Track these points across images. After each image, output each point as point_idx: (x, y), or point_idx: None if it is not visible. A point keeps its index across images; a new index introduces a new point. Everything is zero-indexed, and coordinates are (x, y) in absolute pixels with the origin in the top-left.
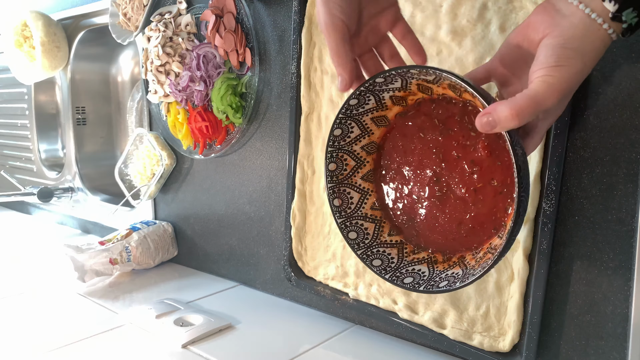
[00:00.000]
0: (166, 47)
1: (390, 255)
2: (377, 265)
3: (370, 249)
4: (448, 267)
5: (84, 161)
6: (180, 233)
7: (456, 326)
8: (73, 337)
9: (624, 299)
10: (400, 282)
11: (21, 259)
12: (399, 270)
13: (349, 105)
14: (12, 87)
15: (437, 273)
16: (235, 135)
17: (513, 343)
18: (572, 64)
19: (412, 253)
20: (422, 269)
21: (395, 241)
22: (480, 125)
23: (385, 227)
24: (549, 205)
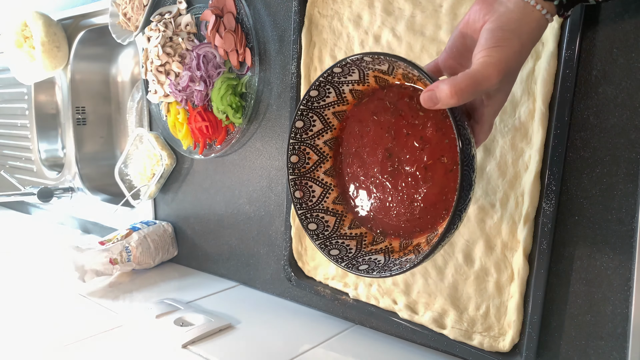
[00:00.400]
0: (166, 47)
1: (349, 247)
2: (334, 254)
3: (329, 239)
4: (403, 254)
5: (84, 161)
6: (180, 233)
7: (456, 326)
8: (73, 337)
9: (624, 299)
10: (355, 269)
11: (21, 259)
12: (356, 259)
13: (309, 97)
14: (12, 87)
15: (392, 260)
16: (235, 135)
17: (513, 343)
18: (510, 44)
19: (370, 244)
20: (378, 258)
21: (356, 234)
22: (423, 100)
23: (346, 220)
24: (549, 205)
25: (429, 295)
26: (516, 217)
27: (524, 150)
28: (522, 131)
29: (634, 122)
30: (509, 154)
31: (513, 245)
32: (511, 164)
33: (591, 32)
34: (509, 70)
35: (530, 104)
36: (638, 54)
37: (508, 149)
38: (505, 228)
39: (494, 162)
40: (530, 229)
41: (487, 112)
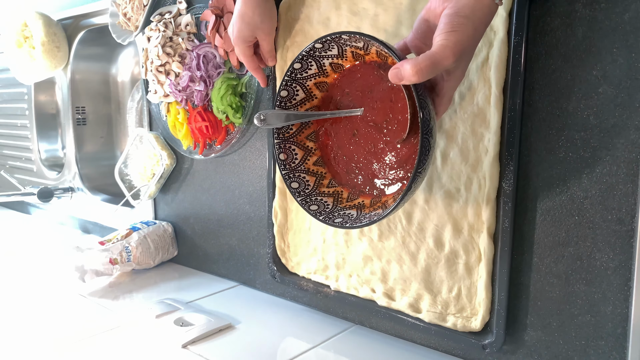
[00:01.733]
0: (166, 47)
1: (326, 203)
2: (313, 209)
3: (310, 197)
4: (373, 210)
5: (84, 161)
6: (180, 233)
7: (431, 309)
8: (73, 337)
9: (623, 299)
10: (331, 222)
11: (21, 259)
12: (332, 214)
13: (293, 69)
14: (12, 87)
15: (363, 214)
16: (235, 135)
17: (484, 322)
18: (464, 29)
19: (345, 201)
20: (352, 212)
21: (333, 191)
22: (390, 76)
23: (325, 180)
24: (508, 185)
25: (405, 281)
26: (480, 199)
27: (484, 135)
28: (481, 116)
29: (634, 122)
30: (470, 139)
31: (478, 226)
32: (472, 148)
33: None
34: (464, 51)
35: (486, 90)
36: (638, 54)
37: (469, 134)
38: (470, 210)
39: (457, 148)
40: (492, 208)
41: (446, 87)
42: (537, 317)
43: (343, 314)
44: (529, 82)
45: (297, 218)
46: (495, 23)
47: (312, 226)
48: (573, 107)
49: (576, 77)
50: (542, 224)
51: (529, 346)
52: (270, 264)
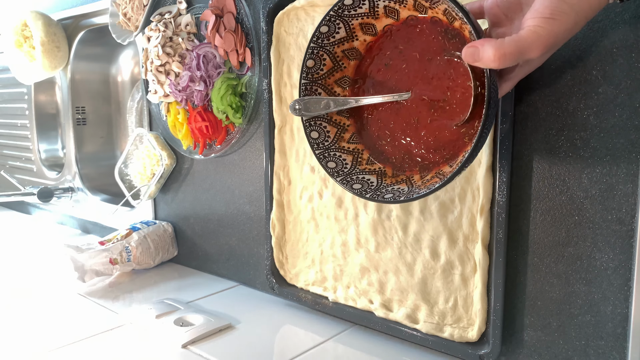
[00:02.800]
0: (166, 47)
1: (345, 161)
2: (331, 167)
3: (328, 151)
4: (395, 182)
5: (84, 161)
6: (180, 233)
7: (428, 320)
8: (73, 337)
9: (623, 298)
10: (349, 187)
11: (21, 259)
12: (350, 176)
13: (320, 34)
14: (12, 87)
15: (384, 185)
16: (235, 135)
17: (481, 332)
18: (565, 19)
19: (365, 163)
20: (371, 179)
21: (353, 149)
22: (465, 55)
23: (346, 134)
24: (502, 196)
25: (402, 292)
26: (474, 210)
27: None
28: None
29: (634, 122)
30: None
31: (473, 237)
32: None
33: None
34: (556, 45)
35: None
36: (638, 54)
37: None
38: (465, 221)
39: None
40: (486, 219)
41: (517, 72)
42: (537, 317)
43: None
44: (527, 83)
45: (294, 229)
46: None
47: (310, 238)
48: (573, 107)
49: (576, 77)
50: (542, 223)
51: (529, 346)
52: (268, 276)
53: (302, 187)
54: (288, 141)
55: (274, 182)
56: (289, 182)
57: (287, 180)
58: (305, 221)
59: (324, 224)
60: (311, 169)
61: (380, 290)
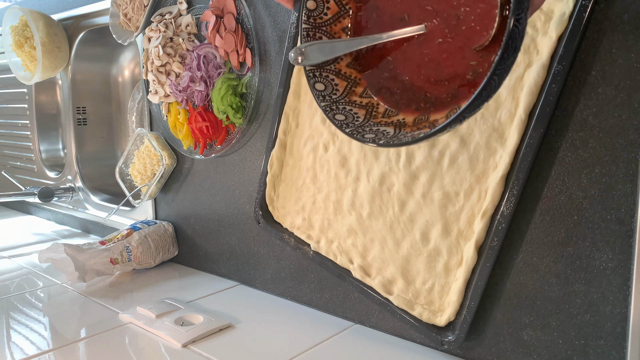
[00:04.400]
0: (167, 48)
1: (357, 115)
2: (340, 119)
3: (337, 104)
4: (416, 129)
5: (85, 161)
6: (180, 233)
7: (401, 294)
8: (73, 337)
9: (623, 298)
10: (360, 137)
11: (21, 259)
12: (362, 128)
13: None
14: (13, 87)
15: (403, 133)
16: (235, 135)
17: (448, 320)
18: None
19: (381, 116)
20: (387, 129)
21: (366, 103)
22: None
23: (358, 88)
24: (508, 208)
25: (383, 262)
26: (476, 209)
27: (497, 150)
28: (499, 132)
29: (633, 122)
30: (482, 151)
31: (468, 234)
32: (482, 160)
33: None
34: None
35: (512, 108)
36: (638, 54)
37: (482, 146)
38: (464, 217)
39: (467, 154)
40: (485, 224)
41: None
42: (536, 317)
43: (343, 313)
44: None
45: (292, 173)
46: (540, 43)
47: (305, 185)
48: (572, 107)
49: (576, 77)
50: (542, 223)
51: (528, 345)
52: (256, 209)
53: (308, 134)
54: (306, 83)
55: (281, 121)
56: (297, 125)
57: (295, 123)
58: (305, 169)
59: (322, 177)
60: (322, 120)
61: (362, 254)
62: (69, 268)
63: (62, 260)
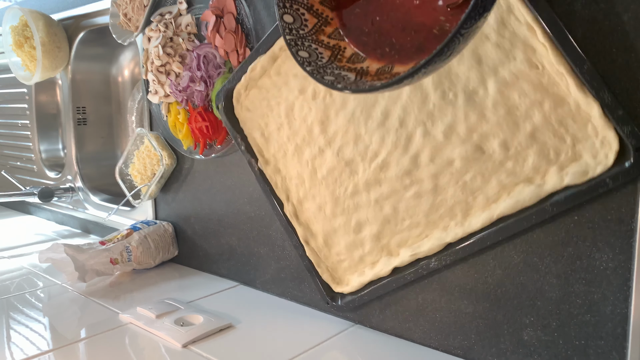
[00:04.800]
0: (166, 48)
1: (321, 55)
2: (303, 56)
3: (302, 40)
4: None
5: (85, 161)
6: (180, 233)
7: (315, 250)
8: (73, 337)
9: (623, 298)
10: (320, 77)
11: (21, 259)
12: (324, 69)
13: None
14: (13, 87)
15: (363, 81)
16: None
17: (342, 291)
18: None
19: (346, 60)
20: (349, 75)
21: (333, 45)
22: None
23: (328, 28)
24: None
25: (314, 218)
26: (410, 240)
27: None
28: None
29: None
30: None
31: (393, 251)
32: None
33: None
34: None
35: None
36: (637, 54)
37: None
38: (396, 239)
39: (432, 199)
40: (408, 260)
41: None
42: (536, 317)
43: (343, 313)
44: None
45: (271, 88)
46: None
47: (278, 110)
48: None
49: None
50: (542, 223)
51: (528, 346)
52: (219, 95)
53: (304, 74)
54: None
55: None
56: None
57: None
58: (285, 96)
59: (298, 118)
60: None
61: (300, 200)
62: (69, 268)
63: (62, 260)
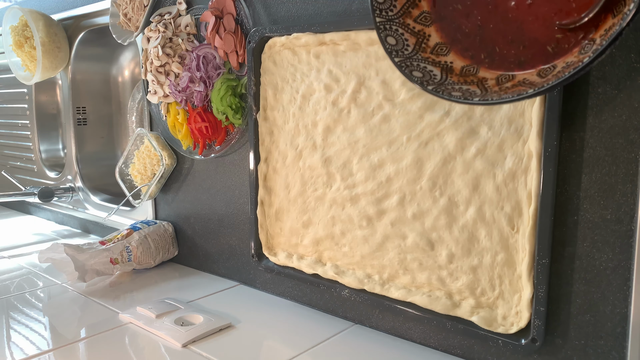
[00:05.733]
0: (166, 48)
1: (407, 42)
2: (391, 43)
3: (390, 23)
4: (464, 82)
5: (85, 161)
6: (180, 233)
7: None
8: (73, 337)
9: (623, 298)
10: (408, 71)
11: (21, 259)
12: (410, 60)
13: None
14: (13, 87)
15: (450, 82)
16: (235, 135)
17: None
18: None
19: (430, 52)
20: (434, 70)
21: (418, 30)
22: None
23: (415, 11)
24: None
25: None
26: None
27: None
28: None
29: (633, 122)
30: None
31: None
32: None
33: None
34: None
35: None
36: (637, 54)
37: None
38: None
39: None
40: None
41: None
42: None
43: (343, 313)
44: None
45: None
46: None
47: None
48: (572, 107)
49: None
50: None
51: None
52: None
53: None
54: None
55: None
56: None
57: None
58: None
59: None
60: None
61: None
62: (69, 268)
63: (62, 260)
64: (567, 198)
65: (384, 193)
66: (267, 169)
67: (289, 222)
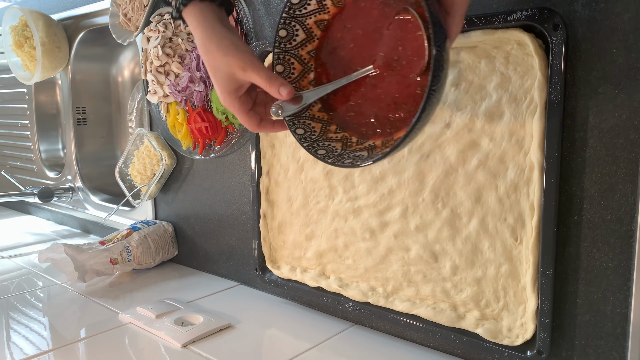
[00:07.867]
0: (166, 48)
1: (314, 129)
2: (299, 133)
3: (316, 142)
4: (358, 150)
5: (85, 161)
6: (180, 233)
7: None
8: (73, 337)
9: (623, 298)
10: (314, 152)
11: (21, 259)
12: (317, 143)
13: (291, 4)
14: (13, 87)
15: (375, 154)
16: (234, 135)
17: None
18: None
19: (355, 144)
20: (362, 154)
21: (341, 137)
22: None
23: (332, 126)
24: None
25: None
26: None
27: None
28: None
29: (633, 122)
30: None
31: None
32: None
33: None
34: None
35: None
36: (638, 54)
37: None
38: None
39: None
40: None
41: (458, 2)
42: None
43: (343, 313)
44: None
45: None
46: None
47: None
48: (572, 107)
49: (576, 77)
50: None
51: None
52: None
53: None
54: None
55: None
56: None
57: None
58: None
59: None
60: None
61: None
62: (69, 268)
63: (61, 260)
64: (567, 198)
65: (386, 205)
66: (269, 182)
67: (291, 235)
